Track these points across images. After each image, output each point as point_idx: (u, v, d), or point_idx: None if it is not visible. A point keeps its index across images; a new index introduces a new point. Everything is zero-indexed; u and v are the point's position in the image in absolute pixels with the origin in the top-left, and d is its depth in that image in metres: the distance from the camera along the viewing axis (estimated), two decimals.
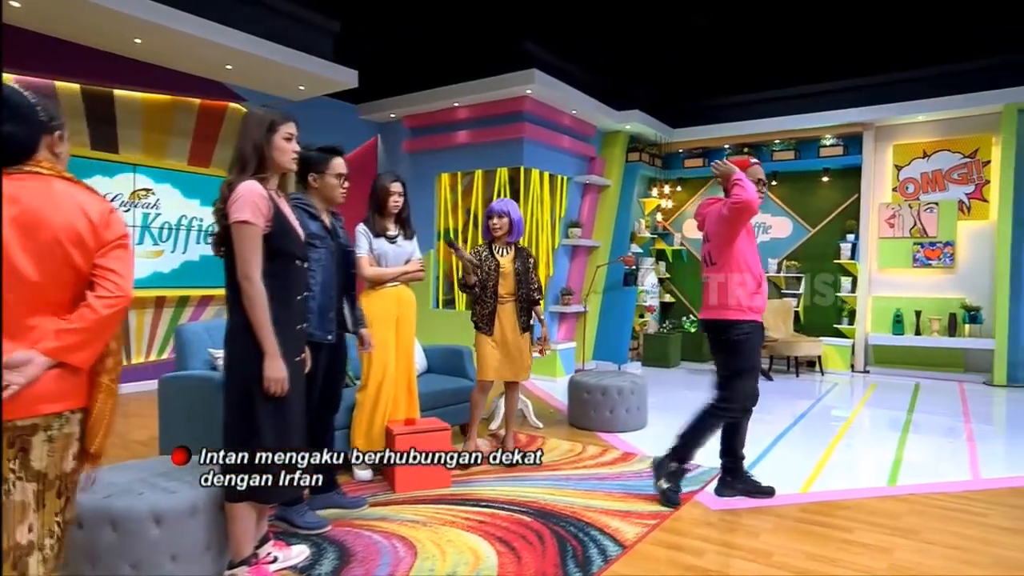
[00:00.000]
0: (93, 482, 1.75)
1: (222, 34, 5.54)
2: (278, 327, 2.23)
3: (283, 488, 2.31)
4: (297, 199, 2.92)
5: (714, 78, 8.30)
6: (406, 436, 3.42)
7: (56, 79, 5.57)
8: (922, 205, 7.53)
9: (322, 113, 7.59)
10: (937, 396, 6.55)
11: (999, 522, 3.17)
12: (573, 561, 2.62)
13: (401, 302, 3.67)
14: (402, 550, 2.71)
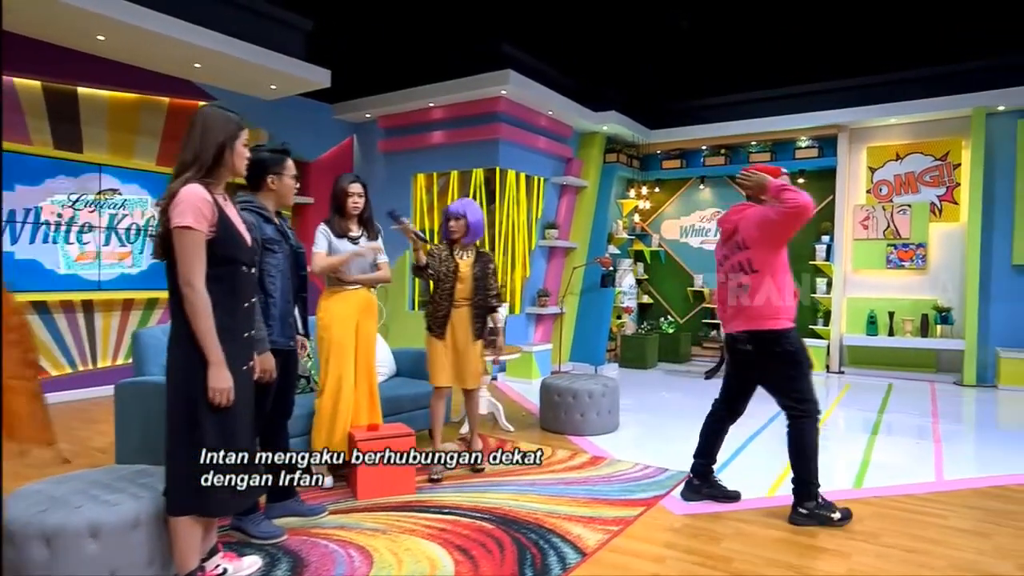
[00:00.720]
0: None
1: (189, 32, 5.42)
2: (224, 335, 2.15)
3: (228, 500, 2.23)
4: (249, 203, 2.85)
5: (691, 80, 8.32)
6: (368, 442, 3.35)
7: (16, 76, 5.44)
8: (895, 207, 7.59)
9: (296, 113, 7.51)
10: (908, 397, 6.59)
11: (957, 524, 3.18)
12: (531, 570, 2.57)
13: (362, 305, 3.59)
14: (358, 560, 2.65)
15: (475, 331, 3.90)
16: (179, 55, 5.77)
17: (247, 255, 2.30)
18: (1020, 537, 3.03)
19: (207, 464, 2.14)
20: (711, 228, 8.86)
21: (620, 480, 3.75)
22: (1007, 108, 7.00)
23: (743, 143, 8.41)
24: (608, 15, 7.12)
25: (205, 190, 2.13)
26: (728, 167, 8.53)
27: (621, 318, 8.61)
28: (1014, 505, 3.47)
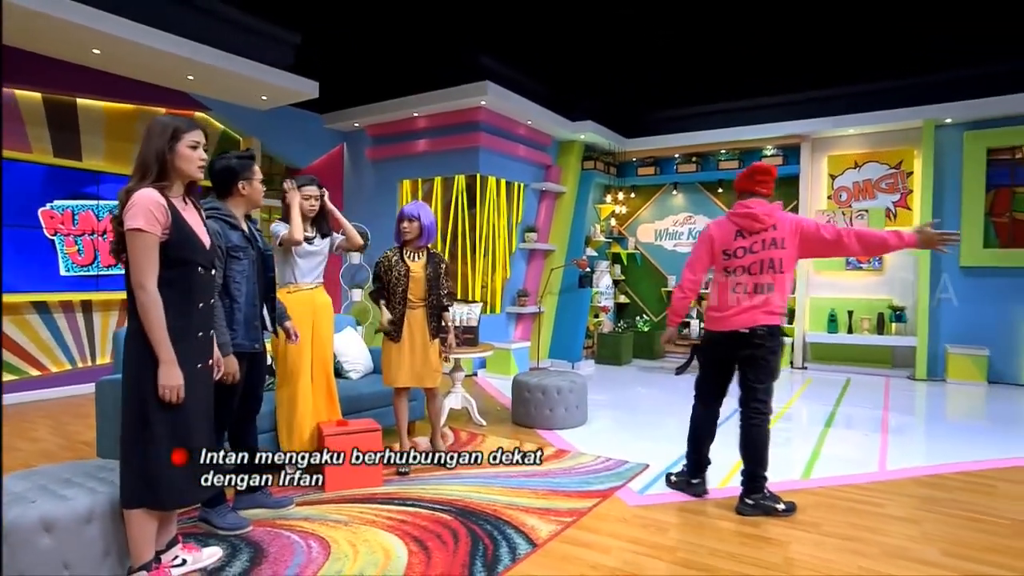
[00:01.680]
0: None
1: (182, 46, 5.39)
2: (178, 334, 2.11)
3: (180, 494, 2.19)
4: (215, 210, 2.78)
5: (665, 91, 8.28)
6: (336, 437, 3.30)
7: (16, 88, 5.39)
8: (854, 212, 7.54)
9: (289, 122, 7.46)
10: (864, 390, 6.55)
11: (894, 512, 3.16)
12: (481, 560, 2.52)
13: (316, 305, 3.51)
14: (316, 550, 2.60)
15: (431, 331, 3.75)
16: (173, 68, 5.72)
17: (204, 257, 2.24)
18: (947, 523, 3.02)
19: (157, 459, 2.09)
20: (684, 232, 8.83)
21: (580, 472, 3.69)
22: (954, 121, 7.03)
23: (713, 151, 8.38)
24: (583, 30, 7.05)
25: (159, 194, 2.09)
26: (699, 174, 8.52)
27: (599, 317, 8.57)
28: (945, 492, 3.46)
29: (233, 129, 6.98)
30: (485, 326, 7.12)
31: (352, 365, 4.43)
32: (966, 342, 6.98)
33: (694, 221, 8.76)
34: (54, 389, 5.64)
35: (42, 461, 3.73)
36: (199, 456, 2.21)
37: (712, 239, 3.25)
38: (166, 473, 2.11)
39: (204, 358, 2.28)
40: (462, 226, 7.23)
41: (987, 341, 6.88)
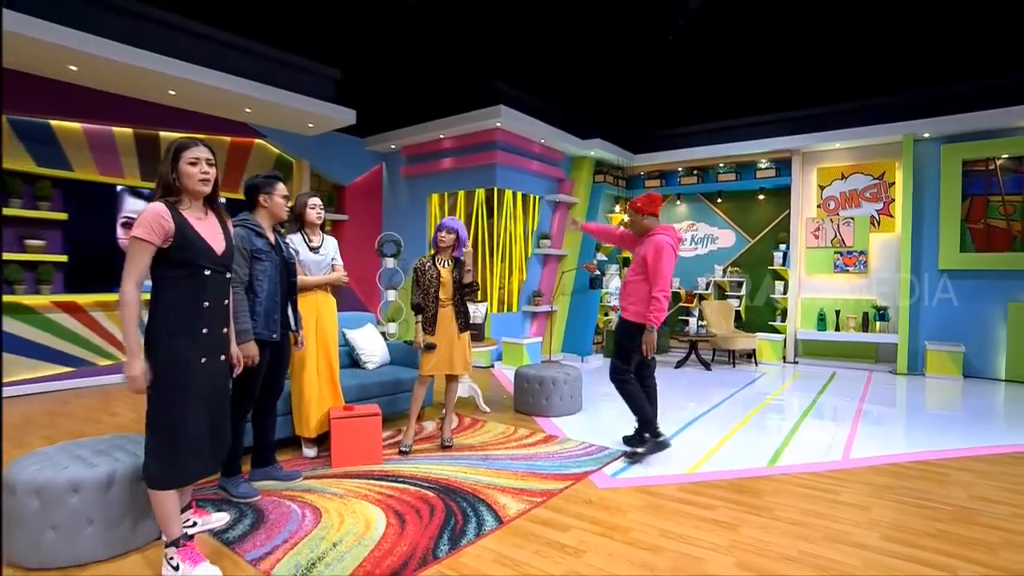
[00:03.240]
0: None
1: (241, 84, 5.57)
2: (181, 330, 2.10)
3: (178, 475, 2.12)
4: (243, 220, 2.90)
5: (667, 111, 8.13)
6: (342, 420, 3.38)
7: (113, 125, 5.70)
8: (841, 220, 7.21)
9: (335, 146, 7.65)
10: (846, 383, 6.26)
11: (847, 498, 3.00)
12: (449, 534, 2.52)
13: (320, 307, 3.57)
14: (309, 518, 2.65)
15: (459, 325, 3.83)
16: (234, 103, 5.94)
17: (211, 261, 2.19)
18: (894, 510, 2.86)
19: (156, 444, 2.09)
20: (687, 238, 8.62)
21: (563, 457, 3.63)
22: (931, 135, 6.71)
23: (712, 165, 8.17)
24: (591, 56, 6.99)
25: (166, 208, 2.08)
26: (699, 186, 8.33)
27: (608, 315, 8.45)
28: (900, 480, 3.28)
29: (286, 153, 7.21)
30: (502, 323, 7.17)
31: (369, 357, 4.51)
32: (944, 339, 6.66)
33: (696, 228, 8.55)
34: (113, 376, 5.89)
35: (115, 431, 3.92)
36: (194, 443, 2.14)
37: (676, 255, 3.57)
38: (160, 456, 2.09)
39: (211, 353, 2.21)
40: (482, 234, 7.26)
41: (963, 338, 6.57)
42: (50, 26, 4.36)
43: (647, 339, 3.49)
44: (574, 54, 6.94)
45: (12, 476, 2.22)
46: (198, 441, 2.15)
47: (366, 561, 2.25)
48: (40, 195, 5.24)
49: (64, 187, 5.40)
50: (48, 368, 5.35)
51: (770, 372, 6.97)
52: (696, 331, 7.29)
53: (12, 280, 5.07)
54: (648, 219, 3.66)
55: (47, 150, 5.34)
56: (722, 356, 7.72)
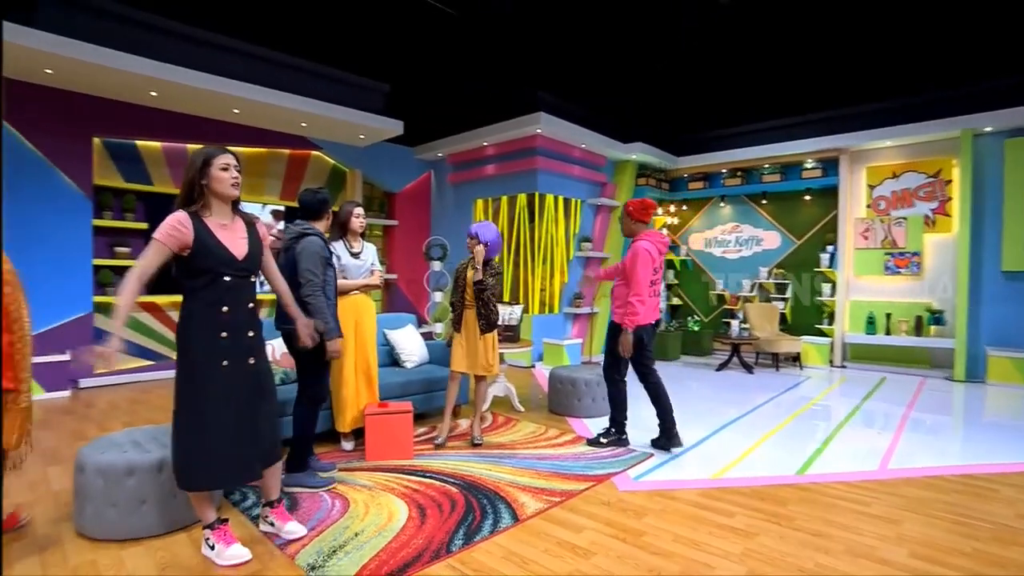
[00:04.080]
0: None
1: (297, 101, 5.85)
2: (202, 334, 2.12)
3: (202, 478, 2.16)
4: (314, 230, 3.03)
5: (711, 113, 7.85)
6: (375, 416, 3.49)
7: (187, 143, 6.12)
8: (892, 220, 6.71)
9: (386, 155, 7.89)
10: (895, 389, 5.82)
11: (877, 511, 2.81)
12: (465, 529, 2.55)
13: (360, 308, 3.67)
14: (337, 508, 2.75)
15: (480, 327, 3.85)
16: (291, 118, 6.25)
17: (231, 267, 2.16)
18: (927, 525, 2.65)
19: (177, 446, 2.14)
20: (731, 240, 8.30)
21: (589, 458, 3.59)
22: (994, 129, 6.11)
23: (757, 166, 7.82)
24: (630, 60, 6.85)
25: (187, 216, 2.10)
26: (743, 187, 7.99)
27: None
28: (939, 494, 3.04)
29: (340, 163, 7.51)
30: (543, 324, 7.16)
31: (408, 356, 4.62)
32: (1007, 344, 6.06)
33: (740, 230, 8.20)
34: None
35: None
36: (218, 446, 2.13)
37: (653, 260, 3.65)
38: (183, 457, 2.13)
39: (233, 357, 2.17)
40: (524, 237, 7.29)
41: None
42: (135, 58, 4.75)
43: (622, 340, 3.61)
44: (613, 59, 6.82)
45: (83, 458, 2.45)
46: (223, 444, 2.14)
47: (383, 551, 2.33)
48: (127, 207, 5.72)
49: (145, 200, 5.87)
50: (134, 361, 5.83)
51: (815, 376, 6.61)
52: (738, 334, 7.01)
53: (104, 283, 5.57)
54: (636, 225, 3.75)
55: (132, 167, 5.82)
56: (766, 360, 7.39)
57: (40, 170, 5.14)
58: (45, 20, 4.43)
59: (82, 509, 2.43)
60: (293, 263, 2.95)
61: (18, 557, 2.28)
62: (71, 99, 5.26)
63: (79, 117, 5.31)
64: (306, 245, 2.96)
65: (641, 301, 3.54)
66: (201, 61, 5.19)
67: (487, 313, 3.87)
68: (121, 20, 4.78)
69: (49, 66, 4.68)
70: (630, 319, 3.55)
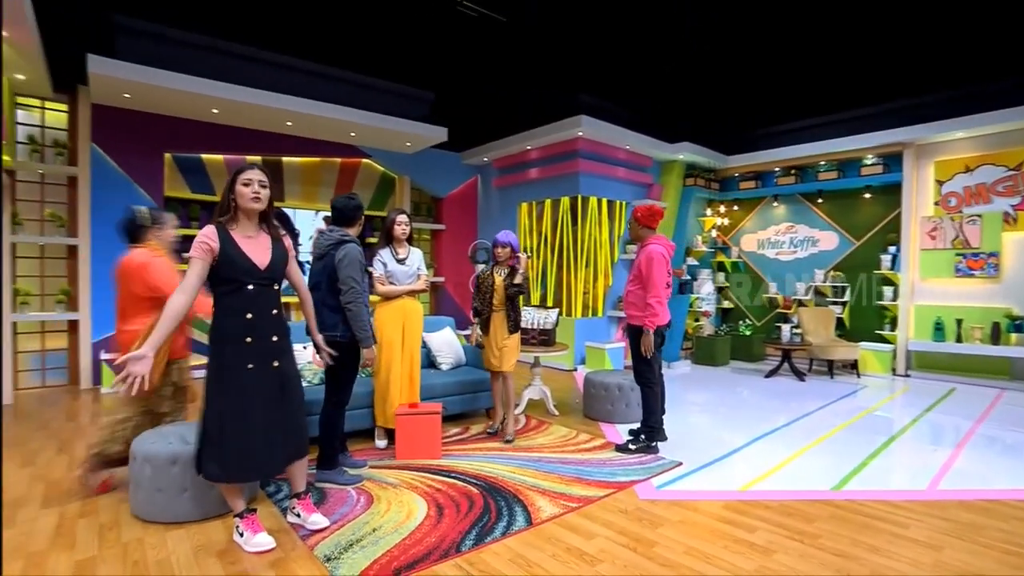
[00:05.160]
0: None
1: (346, 113, 6.12)
2: (228, 339, 2.26)
3: (227, 472, 2.30)
4: (345, 235, 3.10)
5: (762, 109, 7.51)
6: (404, 417, 3.62)
7: (245, 155, 6.55)
8: (964, 218, 6.14)
9: (433, 161, 8.09)
10: (965, 402, 5.36)
11: (916, 534, 2.62)
12: (478, 529, 2.61)
13: (406, 312, 3.82)
14: (361, 504, 2.87)
15: (508, 327, 4.03)
16: (340, 128, 6.54)
17: (253, 276, 2.28)
18: (973, 553, 2.45)
19: (200, 442, 2.31)
20: (785, 241, 7.91)
21: (615, 464, 3.57)
22: None
23: (812, 164, 7.40)
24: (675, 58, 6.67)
25: (213, 229, 2.25)
26: (798, 186, 7.58)
27: (699, 320, 8.03)
28: (991, 519, 2.79)
29: (389, 170, 7.79)
30: (586, 328, 7.12)
31: (444, 359, 4.75)
32: None
33: (795, 230, 7.79)
34: None
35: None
36: (242, 444, 2.27)
37: (666, 262, 3.79)
38: (209, 452, 2.29)
39: (259, 360, 2.29)
40: (567, 240, 7.28)
41: None
42: (198, 80, 5.16)
43: (644, 341, 3.74)
44: (656, 57, 6.68)
45: (135, 447, 2.71)
46: (244, 441, 2.27)
47: (395, 548, 2.43)
48: (192, 216, 6.21)
49: (209, 209, 6.34)
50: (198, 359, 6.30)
51: (873, 385, 6.19)
52: (790, 339, 6.67)
53: None
54: (644, 230, 3.87)
55: (198, 179, 6.31)
56: (821, 367, 7.00)
57: (121, 185, 5.68)
58: (124, 51, 4.91)
59: (135, 493, 2.69)
60: (331, 270, 3.02)
61: (83, 531, 2.57)
62: (146, 119, 5.77)
63: (152, 135, 5.82)
64: (348, 252, 3.01)
65: (660, 302, 3.69)
66: (256, 78, 5.56)
67: (515, 316, 4.07)
68: (184, 45, 5.21)
69: (127, 91, 5.16)
70: (651, 320, 3.68)
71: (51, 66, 4.92)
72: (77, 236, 5.54)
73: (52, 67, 4.96)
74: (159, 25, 5.09)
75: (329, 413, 3.18)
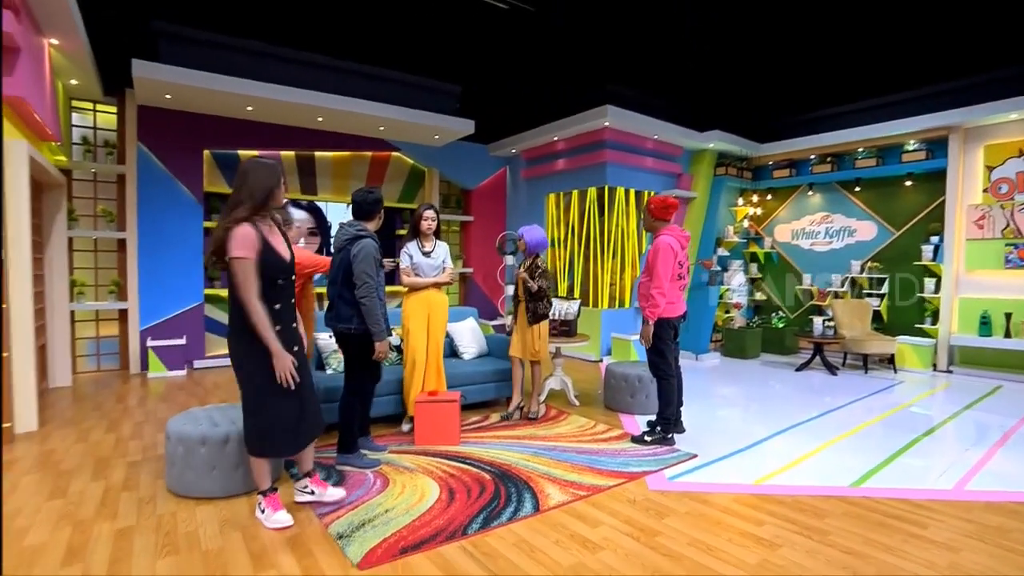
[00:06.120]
0: None
1: (372, 107, 6.21)
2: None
3: (279, 448, 2.51)
4: (367, 231, 3.20)
5: (796, 95, 7.23)
6: (423, 404, 3.72)
7: (280, 151, 6.80)
8: (1016, 205, 5.75)
9: (462, 153, 8.15)
10: (1010, 400, 5.08)
11: (933, 535, 2.54)
12: (486, 514, 2.67)
13: (431, 303, 3.90)
14: (377, 486, 2.99)
15: (528, 318, 4.22)
16: (369, 123, 6.67)
17: (284, 270, 2.44)
18: (993, 556, 2.35)
19: (264, 424, 2.46)
20: (821, 231, 7.62)
21: (628, 455, 3.57)
22: None
23: (849, 151, 7.09)
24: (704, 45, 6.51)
25: (251, 227, 2.35)
26: (834, 174, 7.28)
27: (729, 312, 7.87)
28: (1018, 523, 2.68)
29: (418, 163, 7.91)
30: (613, 319, 7.09)
31: (465, 348, 4.84)
32: None
33: (831, 220, 7.50)
34: None
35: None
36: (280, 421, 2.46)
37: (675, 254, 3.74)
38: (269, 434, 2.47)
39: (285, 346, 2.42)
40: (594, 231, 7.25)
41: None
42: (233, 79, 5.38)
43: (643, 331, 3.79)
44: (687, 45, 6.53)
45: (170, 428, 2.90)
46: (288, 419, 2.46)
47: (405, 528, 2.53)
48: None
49: None
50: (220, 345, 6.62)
51: (911, 380, 5.94)
52: (822, 332, 6.46)
53: (212, 277, 6.39)
54: (657, 221, 3.85)
55: (235, 174, 6.56)
56: (856, 361, 6.74)
57: (165, 182, 5.99)
58: (164, 54, 5.16)
59: (170, 470, 2.89)
60: (347, 264, 3.10)
61: (125, 503, 2.78)
62: (186, 118, 6.06)
63: (192, 133, 6.11)
64: (364, 247, 3.08)
65: (662, 294, 3.67)
66: (287, 76, 5.74)
67: (534, 307, 4.22)
68: (219, 47, 5.42)
69: (168, 92, 5.43)
70: (651, 311, 3.70)
71: (100, 71, 5.23)
72: (125, 230, 5.89)
73: (101, 72, 5.27)
74: (195, 29, 5.32)
75: (347, 400, 3.30)
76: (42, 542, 2.39)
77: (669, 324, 3.80)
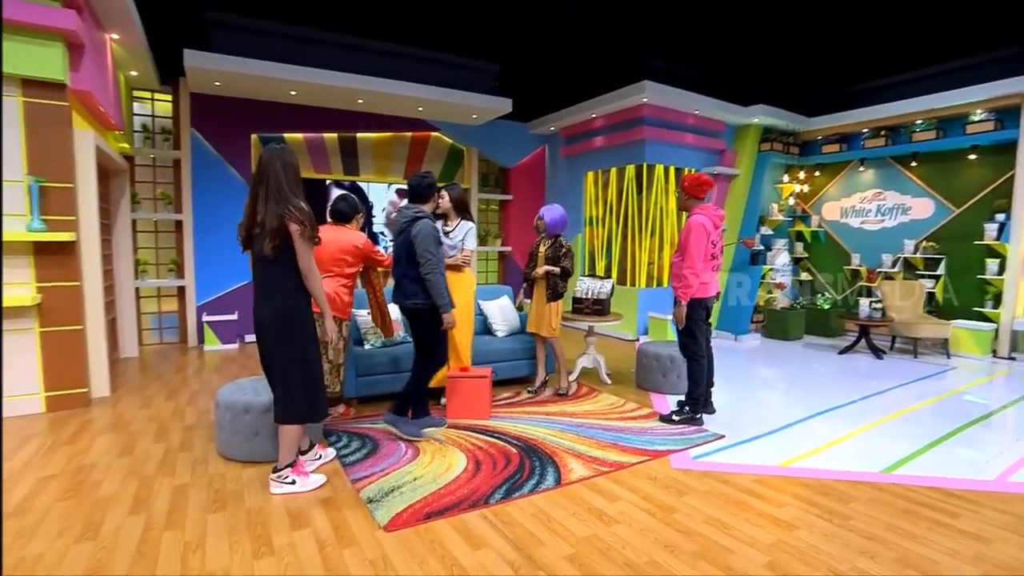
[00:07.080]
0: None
1: (413, 89, 6.29)
2: (306, 304, 2.61)
3: (324, 410, 2.73)
4: (421, 211, 3.33)
5: (847, 65, 6.78)
6: (455, 379, 3.86)
7: (324, 132, 7.02)
8: None
9: (501, 132, 8.15)
10: None
11: (964, 525, 2.46)
12: (509, 485, 2.77)
13: (451, 284, 3.85)
14: (408, 455, 3.15)
15: (547, 295, 4.35)
16: (408, 104, 6.75)
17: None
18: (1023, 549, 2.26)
19: (314, 389, 2.64)
20: (872, 209, 7.22)
21: (655, 433, 3.60)
22: None
23: (906, 123, 6.63)
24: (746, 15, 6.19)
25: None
26: (889, 148, 6.85)
27: (772, 292, 7.63)
28: None
29: (457, 142, 7.97)
30: (650, 298, 7.03)
31: (499, 326, 4.92)
32: None
33: (884, 197, 7.08)
34: None
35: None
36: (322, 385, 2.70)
37: (708, 234, 3.66)
38: (317, 398, 2.67)
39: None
40: (632, 209, 7.15)
41: None
42: (277, 65, 5.56)
43: (676, 312, 3.75)
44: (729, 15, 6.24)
45: (218, 396, 3.13)
46: (322, 383, 2.71)
47: (431, 496, 2.66)
48: None
49: None
50: None
51: (965, 367, 5.63)
52: (868, 314, 6.18)
53: None
54: (691, 200, 3.79)
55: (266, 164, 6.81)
56: (906, 345, 6.43)
57: (216, 165, 6.30)
58: (215, 44, 5.38)
59: (219, 435, 3.13)
60: (409, 245, 3.26)
61: (181, 463, 3.05)
62: (234, 104, 6.32)
63: (241, 118, 6.37)
64: (422, 227, 3.23)
65: (695, 274, 3.62)
66: (328, 60, 5.87)
67: (554, 285, 4.32)
68: (263, 33, 5.59)
69: (217, 79, 5.68)
70: (683, 291, 3.66)
71: (156, 62, 5.51)
72: (182, 212, 6.26)
73: (157, 62, 5.56)
74: (241, 16, 5.50)
75: (424, 370, 3.43)
76: (113, 493, 2.67)
77: (701, 305, 3.75)
